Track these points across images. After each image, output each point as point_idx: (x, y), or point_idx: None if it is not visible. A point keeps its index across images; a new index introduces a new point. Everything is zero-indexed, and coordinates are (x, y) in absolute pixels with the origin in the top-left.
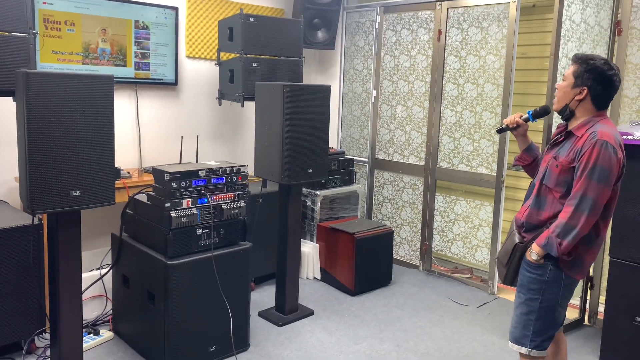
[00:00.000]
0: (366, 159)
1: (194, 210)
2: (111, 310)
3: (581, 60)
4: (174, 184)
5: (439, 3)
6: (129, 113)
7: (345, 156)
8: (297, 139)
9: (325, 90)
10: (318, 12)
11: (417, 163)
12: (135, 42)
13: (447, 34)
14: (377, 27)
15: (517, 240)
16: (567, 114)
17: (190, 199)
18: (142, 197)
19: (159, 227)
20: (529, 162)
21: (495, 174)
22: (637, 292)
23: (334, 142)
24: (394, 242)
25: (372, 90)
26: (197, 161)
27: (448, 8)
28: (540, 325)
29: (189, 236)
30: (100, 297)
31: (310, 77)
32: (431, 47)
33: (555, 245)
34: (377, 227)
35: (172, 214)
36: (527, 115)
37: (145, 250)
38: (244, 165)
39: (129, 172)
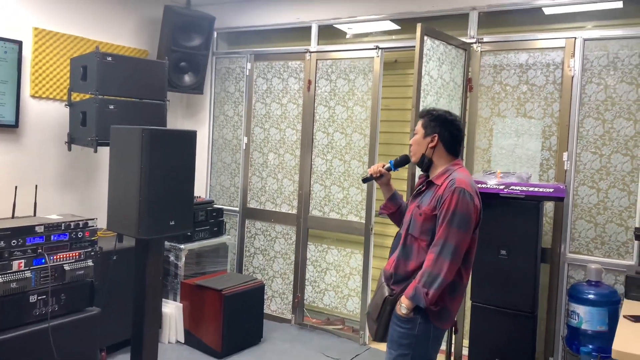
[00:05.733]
0: (237, 208)
1: (28, 274)
2: None
3: (425, 113)
4: (1, 243)
5: (308, 54)
6: None
7: (214, 205)
8: (157, 188)
9: (190, 136)
10: (185, 55)
11: (290, 212)
12: None
13: (316, 84)
14: (247, 74)
15: (386, 293)
16: (426, 163)
17: (22, 260)
18: None
19: None
20: (393, 210)
21: (364, 222)
22: (496, 334)
23: (202, 191)
24: (266, 296)
25: (244, 137)
26: (35, 215)
27: (317, 59)
28: None
29: (19, 305)
30: None
31: (177, 122)
32: (302, 96)
33: (423, 295)
34: (247, 281)
35: None
36: (389, 164)
37: None
38: (93, 219)
39: None
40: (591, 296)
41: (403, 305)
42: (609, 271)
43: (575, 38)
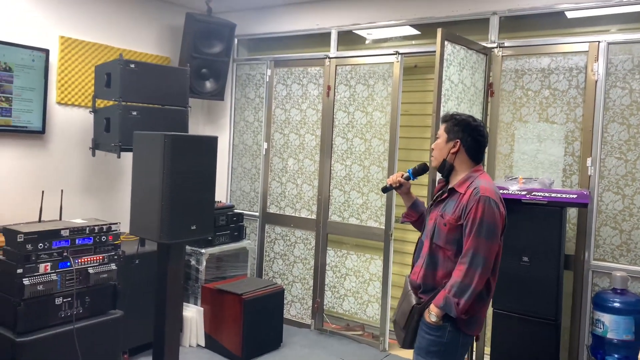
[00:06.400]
0: (257, 213)
1: (54, 276)
2: None
3: (448, 117)
4: (29, 246)
5: (327, 60)
6: None
7: (235, 210)
8: (179, 192)
9: (211, 142)
10: (206, 62)
11: (309, 217)
12: None
13: (335, 90)
14: (267, 80)
15: (414, 301)
16: (447, 168)
17: (49, 263)
18: None
19: (8, 298)
20: (415, 217)
21: (384, 227)
22: (519, 342)
23: (222, 196)
24: (285, 301)
25: (264, 142)
26: (60, 219)
27: (336, 65)
28: None
29: (45, 307)
30: None
31: (198, 128)
32: (321, 102)
33: (454, 305)
34: (267, 286)
35: (25, 281)
36: (407, 173)
37: None
38: (116, 223)
39: None
40: (617, 304)
41: (432, 314)
42: (635, 279)
43: (599, 42)
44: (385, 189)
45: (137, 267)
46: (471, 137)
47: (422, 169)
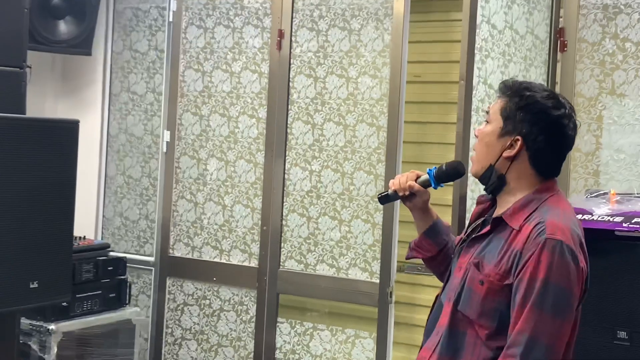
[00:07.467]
0: (151, 259)
1: None
2: None
3: (512, 91)
4: None
5: None
6: None
7: (111, 254)
8: (9, 222)
9: (69, 129)
10: None
11: (245, 263)
12: None
13: (293, 39)
14: (171, 19)
15: None
16: (494, 181)
17: None
18: None
19: None
20: (432, 253)
21: (378, 281)
22: None
23: (89, 228)
24: None
25: (164, 131)
26: None
27: None
28: None
29: None
30: None
31: (45, 105)
32: (267, 60)
33: None
34: None
35: None
36: (426, 175)
37: None
38: None
39: None
40: None
41: None
42: None
43: None
44: (385, 197)
45: None
46: (544, 136)
47: (452, 171)
